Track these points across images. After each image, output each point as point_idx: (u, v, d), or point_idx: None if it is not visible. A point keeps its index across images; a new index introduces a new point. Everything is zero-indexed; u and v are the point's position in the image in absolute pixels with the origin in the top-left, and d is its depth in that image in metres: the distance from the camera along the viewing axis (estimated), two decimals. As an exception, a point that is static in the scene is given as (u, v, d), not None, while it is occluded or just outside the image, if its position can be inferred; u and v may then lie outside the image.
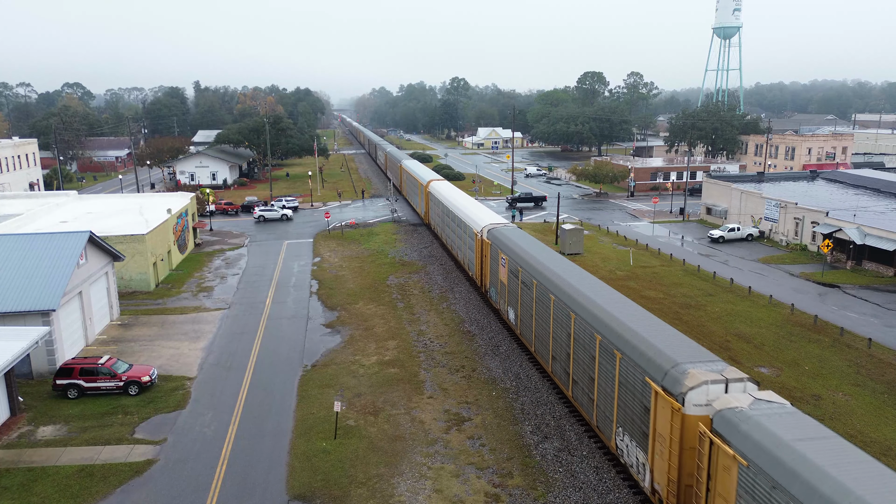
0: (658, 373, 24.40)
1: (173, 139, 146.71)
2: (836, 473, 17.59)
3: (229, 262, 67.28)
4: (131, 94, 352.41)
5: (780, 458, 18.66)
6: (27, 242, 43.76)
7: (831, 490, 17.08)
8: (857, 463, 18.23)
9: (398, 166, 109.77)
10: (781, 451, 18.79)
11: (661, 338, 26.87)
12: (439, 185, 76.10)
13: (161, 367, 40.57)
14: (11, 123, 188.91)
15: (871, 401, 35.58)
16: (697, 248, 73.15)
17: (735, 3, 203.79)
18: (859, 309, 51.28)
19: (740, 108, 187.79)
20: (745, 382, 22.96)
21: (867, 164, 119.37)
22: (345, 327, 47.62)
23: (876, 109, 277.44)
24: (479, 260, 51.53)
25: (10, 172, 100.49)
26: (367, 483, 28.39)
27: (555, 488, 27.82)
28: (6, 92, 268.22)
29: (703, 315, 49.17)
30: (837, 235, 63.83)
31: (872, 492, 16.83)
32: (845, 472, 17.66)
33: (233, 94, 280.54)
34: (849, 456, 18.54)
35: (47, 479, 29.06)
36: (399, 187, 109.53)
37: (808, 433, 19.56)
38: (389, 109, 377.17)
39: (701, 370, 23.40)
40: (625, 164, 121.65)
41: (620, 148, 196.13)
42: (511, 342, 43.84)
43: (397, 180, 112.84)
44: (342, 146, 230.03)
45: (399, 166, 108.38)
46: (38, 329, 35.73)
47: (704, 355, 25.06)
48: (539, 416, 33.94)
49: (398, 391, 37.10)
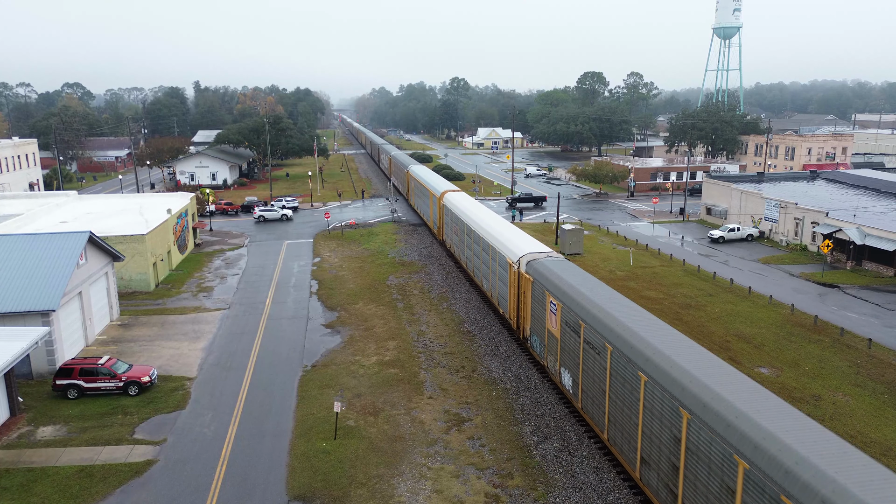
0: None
1: (173, 139, 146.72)
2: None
3: (229, 263, 67.27)
4: (131, 94, 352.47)
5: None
6: (27, 243, 43.74)
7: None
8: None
9: (405, 172, 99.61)
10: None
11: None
12: (456, 197, 65.54)
13: (161, 368, 40.56)
14: (11, 123, 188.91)
15: (872, 401, 35.57)
16: (697, 248, 73.14)
17: (735, 4, 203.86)
18: (859, 309, 51.27)
19: (740, 108, 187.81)
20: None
21: (867, 165, 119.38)
22: (345, 327, 47.60)
23: (876, 109, 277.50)
24: (516, 298, 41.91)
25: (9, 172, 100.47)
26: (367, 483, 28.38)
27: (555, 489, 27.81)
28: (6, 92, 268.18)
29: (703, 315, 49.16)
30: (837, 236, 63.82)
31: None
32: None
33: (233, 94, 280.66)
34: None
35: (47, 479, 29.04)
36: (406, 195, 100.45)
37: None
38: (389, 109, 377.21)
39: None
40: (625, 164, 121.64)
41: (620, 148, 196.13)
42: (511, 342, 43.84)
43: (403, 187, 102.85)
44: (342, 146, 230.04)
45: (406, 173, 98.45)
46: (38, 329, 35.72)
47: None
48: (539, 416, 33.93)
49: (398, 391, 37.09)
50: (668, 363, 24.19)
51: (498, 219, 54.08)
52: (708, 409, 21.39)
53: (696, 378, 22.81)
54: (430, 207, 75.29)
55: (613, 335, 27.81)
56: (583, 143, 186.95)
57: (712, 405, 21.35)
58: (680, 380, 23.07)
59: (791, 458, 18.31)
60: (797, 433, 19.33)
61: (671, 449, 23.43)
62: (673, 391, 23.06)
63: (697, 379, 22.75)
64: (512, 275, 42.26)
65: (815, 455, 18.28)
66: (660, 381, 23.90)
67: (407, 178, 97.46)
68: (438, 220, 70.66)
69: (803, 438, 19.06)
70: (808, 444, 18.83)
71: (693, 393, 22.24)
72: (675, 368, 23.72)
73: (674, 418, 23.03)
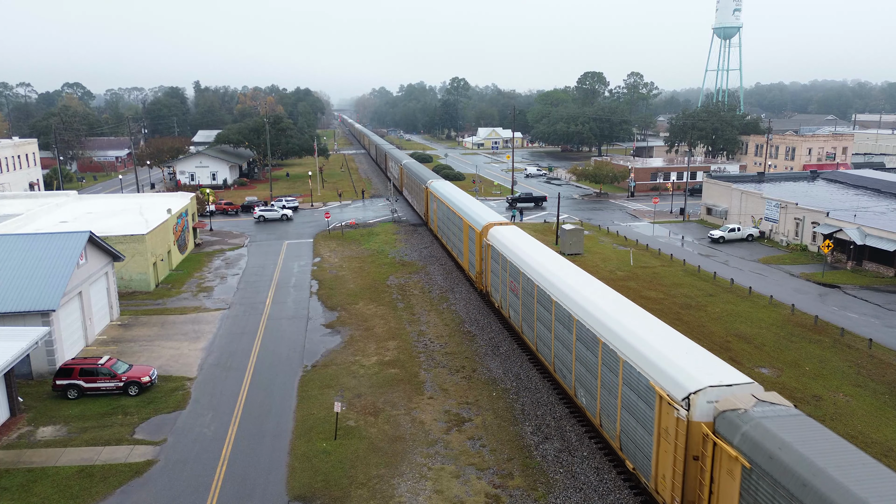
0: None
1: (173, 139, 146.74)
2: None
3: (229, 263, 67.23)
4: (131, 94, 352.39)
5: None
6: (27, 242, 43.71)
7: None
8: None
9: (423, 188, 79.40)
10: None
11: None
12: (510, 237, 45.31)
13: (161, 368, 40.53)
14: (11, 123, 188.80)
15: (872, 402, 35.53)
16: (698, 248, 73.11)
17: (735, 4, 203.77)
18: (860, 309, 51.24)
19: (740, 108, 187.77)
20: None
21: (867, 165, 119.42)
22: (345, 328, 47.57)
23: (876, 109, 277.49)
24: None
25: (10, 172, 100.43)
26: (367, 484, 28.35)
27: (555, 489, 27.78)
28: (6, 92, 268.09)
29: (703, 315, 49.13)
30: (838, 236, 63.78)
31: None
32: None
33: (233, 94, 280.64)
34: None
35: (47, 479, 29.01)
36: (424, 216, 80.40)
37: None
38: (389, 109, 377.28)
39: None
40: (625, 164, 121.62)
41: (620, 148, 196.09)
42: (511, 342, 43.80)
43: (421, 206, 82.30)
44: (342, 146, 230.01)
45: (425, 190, 77.74)
46: (38, 329, 35.68)
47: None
48: (539, 416, 33.89)
49: (398, 392, 37.05)
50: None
51: (606, 290, 34.31)
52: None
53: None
54: (465, 240, 55.28)
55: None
56: (583, 143, 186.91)
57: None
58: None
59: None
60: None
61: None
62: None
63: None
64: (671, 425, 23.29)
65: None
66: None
67: (426, 197, 77.54)
68: (478, 259, 51.41)
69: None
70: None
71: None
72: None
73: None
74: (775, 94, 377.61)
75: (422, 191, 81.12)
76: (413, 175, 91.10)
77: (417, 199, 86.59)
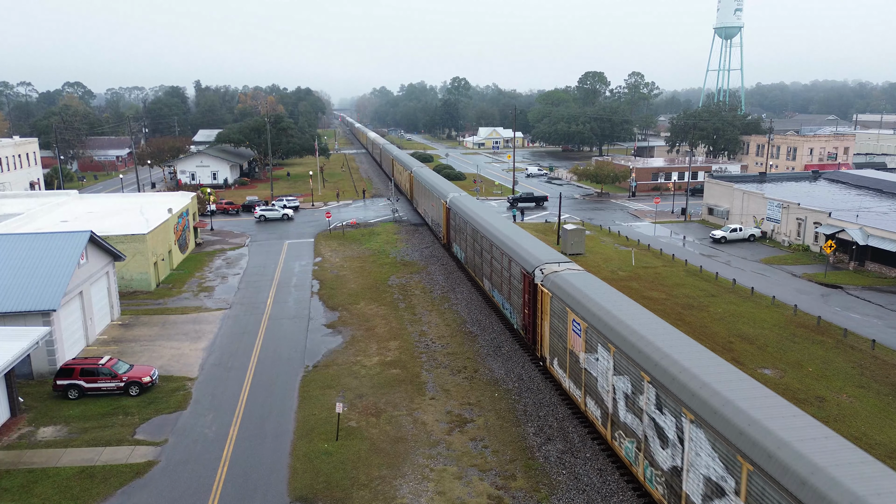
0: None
1: (174, 139, 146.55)
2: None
3: (230, 262, 67.12)
4: (132, 94, 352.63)
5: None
6: (28, 242, 43.61)
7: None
8: None
9: (441, 204, 67.65)
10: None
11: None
12: (584, 282, 34.26)
13: (162, 368, 40.42)
14: (12, 123, 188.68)
15: (876, 402, 35.40)
16: (699, 248, 72.97)
17: (736, 3, 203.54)
18: (862, 310, 51.10)
19: (741, 108, 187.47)
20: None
21: (869, 165, 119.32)
22: (346, 328, 47.45)
23: (877, 110, 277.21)
24: None
25: (10, 172, 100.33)
26: (369, 485, 28.24)
27: (558, 491, 27.66)
28: (7, 91, 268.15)
29: (705, 316, 49.00)
30: (840, 236, 63.63)
31: None
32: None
33: (233, 93, 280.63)
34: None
35: (48, 480, 28.90)
36: (445, 237, 67.41)
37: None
38: (390, 109, 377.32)
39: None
40: (626, 164, 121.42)
41: (621, 148, 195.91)
42: (513, 342, 43.67)
43: (439, 227, 70.78)
44: (343, 146, 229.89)
45: (444, 206, 66.13)
46: (39, 329, 35.58)
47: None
48: (542, 417, 33.77)
49: (400, 392, 36.94)
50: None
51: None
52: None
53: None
54: (508, 284, 44.40)
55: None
56: (584, 143, 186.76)
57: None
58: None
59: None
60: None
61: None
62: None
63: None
64: None
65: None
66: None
67: (445, 215, 65.91)
68: (527, 314, 39.81)
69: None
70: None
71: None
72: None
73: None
74: (776, 94, 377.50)
75: (440, 206, 69.07)
76: (427, 185, 78.17)
77: (433, 213, 74.56)
